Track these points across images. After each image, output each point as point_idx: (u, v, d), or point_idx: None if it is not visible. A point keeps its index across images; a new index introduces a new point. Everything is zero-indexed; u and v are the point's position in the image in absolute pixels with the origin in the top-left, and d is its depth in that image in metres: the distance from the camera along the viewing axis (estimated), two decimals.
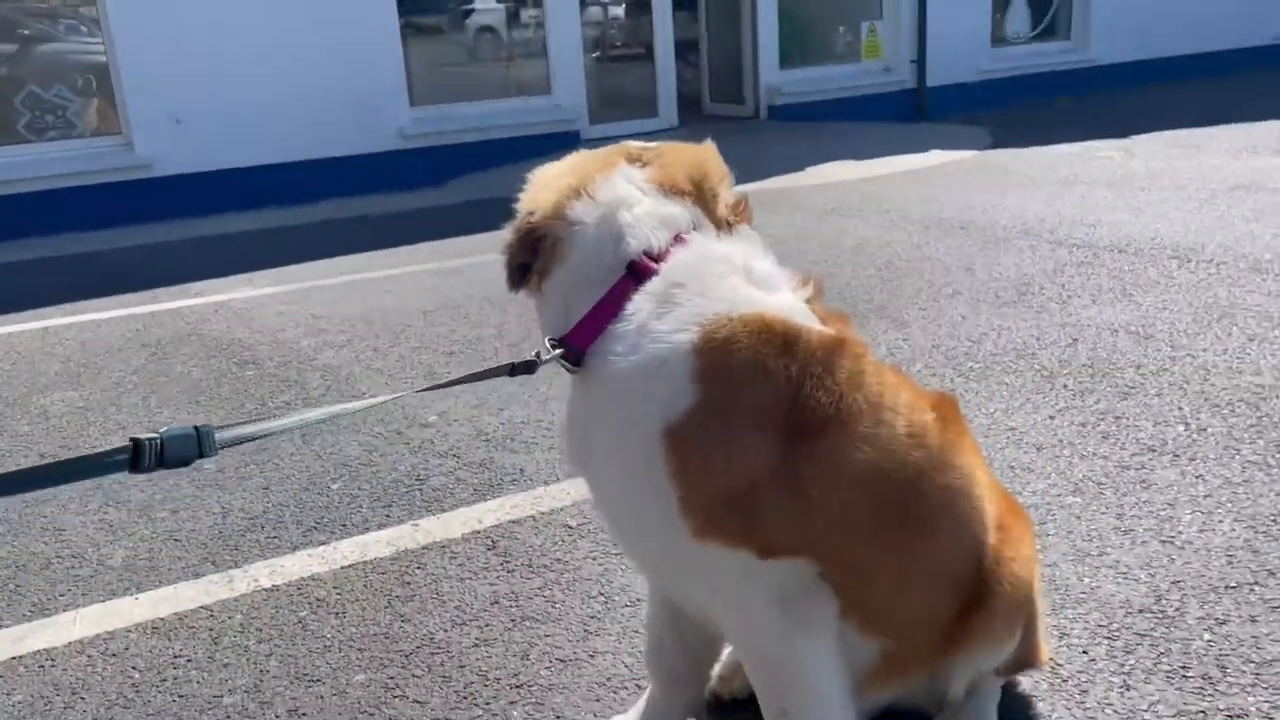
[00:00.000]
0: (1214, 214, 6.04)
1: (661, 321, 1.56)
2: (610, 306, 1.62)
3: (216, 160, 8.62)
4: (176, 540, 2.99)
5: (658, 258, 1.63)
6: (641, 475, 1.55)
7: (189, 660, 2.41)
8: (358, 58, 9.04)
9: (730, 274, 1.62)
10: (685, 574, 1.65)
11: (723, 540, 1.54)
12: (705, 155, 1.79)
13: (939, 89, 11.86)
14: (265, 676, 2.33)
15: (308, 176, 8.91)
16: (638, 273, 1.62)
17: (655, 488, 1.54)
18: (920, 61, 11.78)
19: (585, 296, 1.65)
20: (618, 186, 1.69)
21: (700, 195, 1.73)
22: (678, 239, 1.65)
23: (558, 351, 1.66)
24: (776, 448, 1.52)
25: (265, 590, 2.69)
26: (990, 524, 1.76)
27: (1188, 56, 13.56)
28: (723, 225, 1.72)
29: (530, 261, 1.71)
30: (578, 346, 1.65)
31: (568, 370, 1.68)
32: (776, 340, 1.55)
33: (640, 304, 1.59)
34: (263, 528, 3.04)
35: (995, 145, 9.43)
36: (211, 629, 2.53)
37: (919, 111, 11.77)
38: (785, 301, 1.63)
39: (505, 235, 1.76)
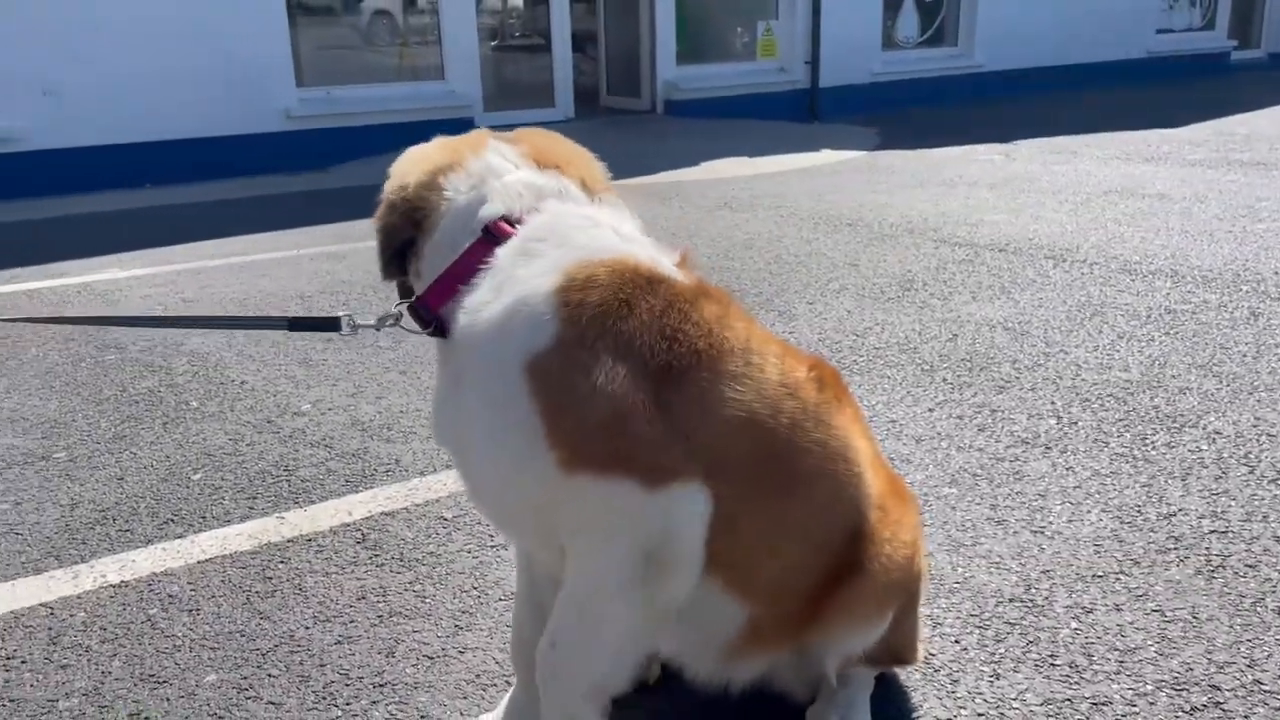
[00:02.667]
0: (1088, 217, 6.25)
1: (524, 269, 1.56)
2: (463, 266, 1.62)
3: (91, 136, 8.18)
4: (17, 534, 2.79)
5: (516, 221, 1.63)
6: (506, 413, 1.51)
7: (23, 662, 2.23)
8: (244, 34, 8.69)
9: (593, 228, 1.62)
10: (554, 518, 1.56)
11: (593, 471, 1.48)
12: (571, 143, 1.82)
13: (831, 90, 12.05)
14: (107, 678, 2.17)
15: (187, 156, 8.53)
16: (494, 235, 1.62)
17: (521, 423, 1.49)
18: (814, 63, 11.94)
19: (444, 264, 1.65)
20: (489, 159, 1.71)
21: (569, 169, 1.73)
22: (541, 204, 1.65)
23: (399, 308, 1.72)
24: (644, 379, 1.49)
25: (113, 587, 2.52)
26: (870, 496, 1.74)
27: (1066, 67, 14.10)
28: (592, 196, 1.72)
29: (415, 238, 1.70)
30: (429, 306, 1.66)
31: (411, 331, 1.72)
32: (640, 278, 1.55)
33: (501, 259, 1.59)
34: (114, 520, 2.85)
35: (883, 146, 9.61)
36: (51, 628, 2.35)
37: (811, 111, 11.94)
38: (652, 253, 1.63)
39: (380, 215, 1.73)
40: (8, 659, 2.25)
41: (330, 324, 1.90)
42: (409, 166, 1.75)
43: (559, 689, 1.62)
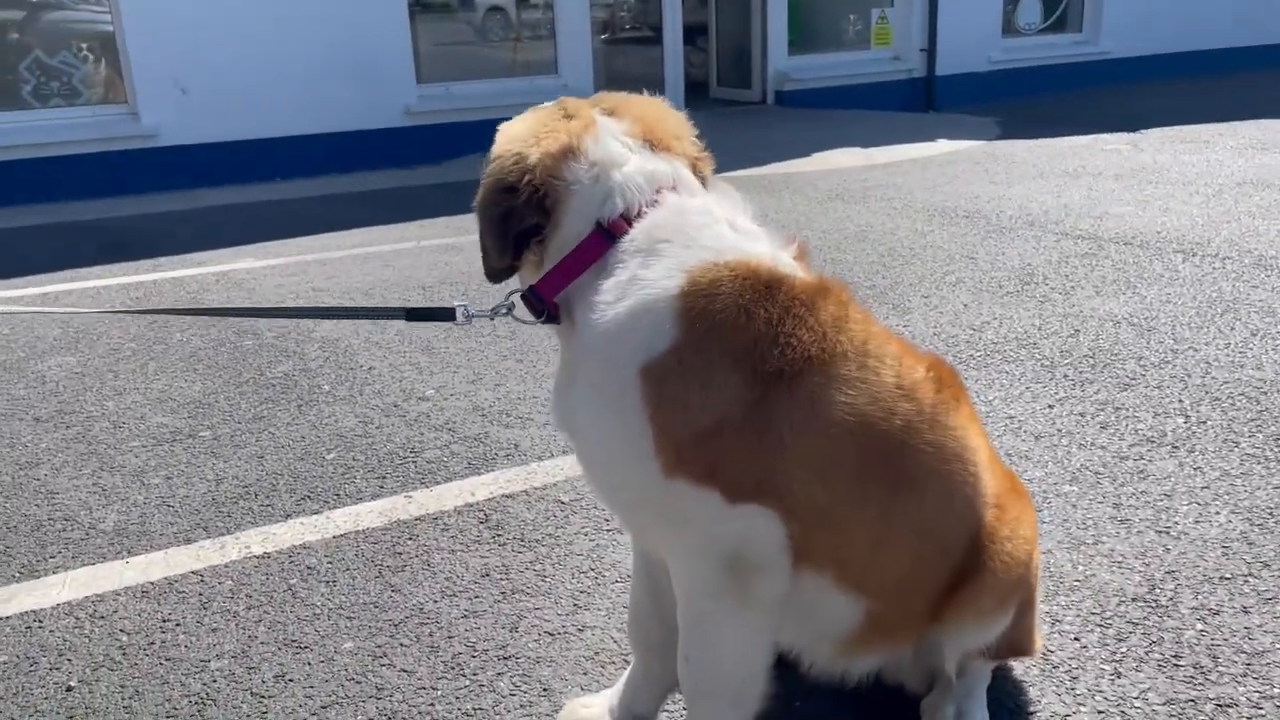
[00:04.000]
0: (1221, 209, 6.01)
1: (650, 270, 1.57)
2: (579, 259, 1.63)
3: (222, 131, 8.58)
4: (169, 506, 2.99)
5: (636, 216, 1.63)
6: (618, 412, 1.55)
7: (177, 624, 2.40)
8: (366, 33, 8.99)
9: (714, 224, 1.63)
10: (651, 515, 1.63)
11: (690, 478, 1.53)
12: (664, 107, 1.79)
13: (948, 78, 11.80)
14: (253, 642, 2.32)
15: (313, 150, 8.87)
16: (609, 229, 1.62)
17: (631, 424, 1.54)
18: (930, 50, 11.71)
19: (561, 255, 1.65)
20: (609, 145, 1.67)
21: (677, 148, 1.73)
22: (659, 195, 1.65)
23: (511, 299, 1.76)
24: (753, 389, 1.52)
25: (256, 557, 2.68)
26: (986, 496, 1.75)
27: (1199, 52, 13.50)
28: (699, 177, 1.74)
29: (542, 224, 1.65)
30: (543, 296, 1.67)
31: (523, 321, 1.74)
32: (760, 285, 1.56)
33: (627, 258, 1.60)
34: (256, 495, 3.03)
35: (1003, 136, 9.38)
36: (201, 594, 2.52)
37: (927, 100, 11.71)
38: (770, 250, 1.64)
39: (493, 197, 1.66)
40: (164, 621, 2.42)
41: (446, 314, 1.95)
42: (522, 147, 1.66)
43: (702, 699, 1.69)
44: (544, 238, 1.66)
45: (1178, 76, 13.04)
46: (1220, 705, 1.95)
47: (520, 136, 1.69)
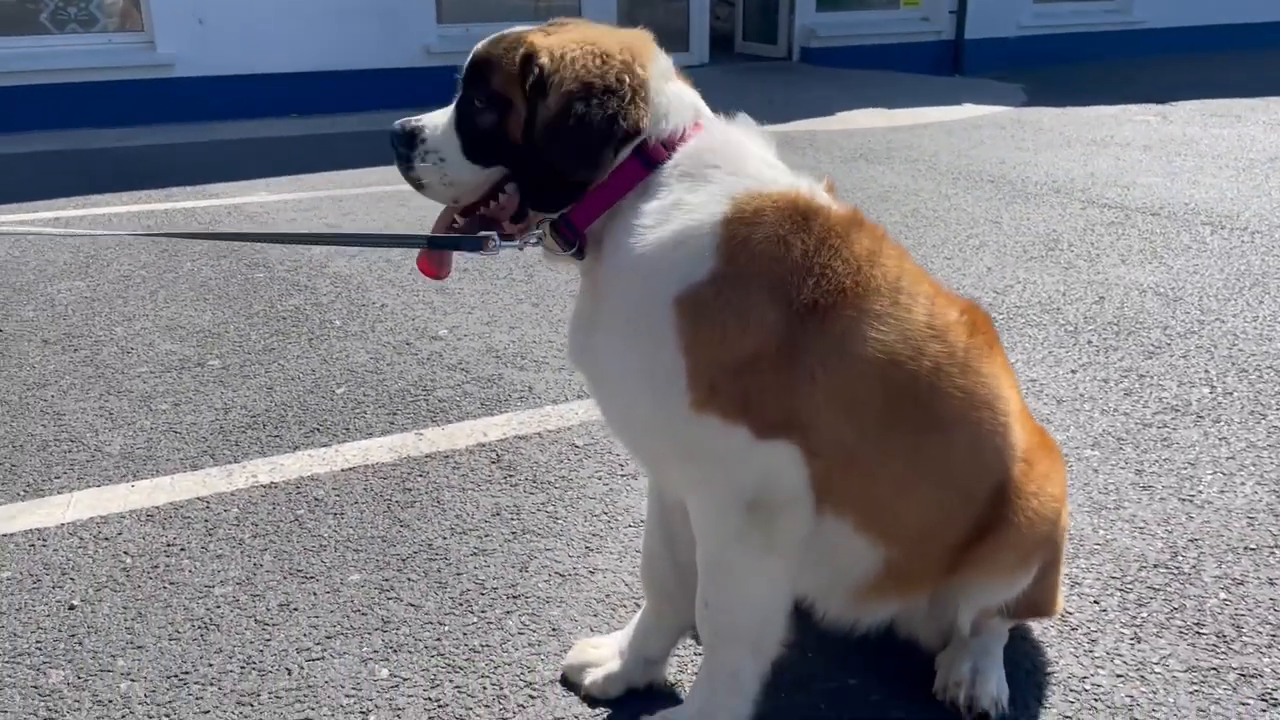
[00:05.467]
0: (1251, 183, 5.89)
1: (695, 195, 1.52)
2: (618, 184, 1.57)
3: (240, 65, 8.47)
4: (176, 432, 2.95)
5: (680, 139, 1.57)
6: (650, 345, 1.50)
7: (182, 549, 2.37)
8: None
9: (754, 154, 1.60)
10: (676, 453, 1.57)
11: (721, 413, 1.48)
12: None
13: (977, 42, 11.58)
14: (259, 570, 2.29)
15: (330, 87, 8.76)
16: (646, 154, 1.56)
17: (663, 357, 1.49)
18: (960, 13, 11.48)
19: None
20: (662, 64, 1.62)
21: (687, 83, 1.69)
22: (700, 121, 1.61)
23: (542, 227, 1.65)
24: (787, 322, 1.48)
25: (263, 487, 2.65)
26: (1015, 448, 1.70)
27: (1234, 26, 13.21)
28: None
29: (638, 129, 1.54)
30: (578, 224, 1.60)
31: (551, 250, 1.65)
32: (799, 216, 1.52)
33: (673, 181, 1.55)
34: (264, 426, 2.99)
35: (1030, 103, 9.21)
36: (207, 520, 2.49)
37: (954, 64, 11.50)
38: (807, 182, 1.60)
39: (602, 97, 1.52)
40: (168, 545, 2.39)
41: (473, 243, 1.75)
42: (598, 50, 1.55)
43: (721, 645, 1.65)
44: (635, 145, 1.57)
45: (1213, 50, 12.78)
46: (1244, 675, 1.91)
47: (588, 42, 1.57)
